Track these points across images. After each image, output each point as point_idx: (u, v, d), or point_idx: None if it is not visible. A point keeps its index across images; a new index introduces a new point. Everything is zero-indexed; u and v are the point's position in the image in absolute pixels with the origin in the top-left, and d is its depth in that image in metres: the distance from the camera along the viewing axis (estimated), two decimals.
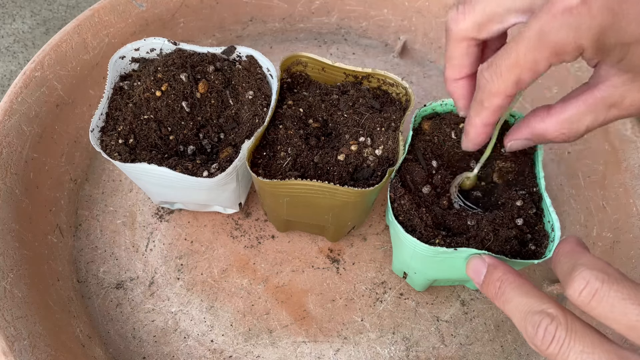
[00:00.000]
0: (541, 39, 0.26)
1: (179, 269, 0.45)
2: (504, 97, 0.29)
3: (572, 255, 0.26)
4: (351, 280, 0.45)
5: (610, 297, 0.22)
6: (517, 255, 0.35)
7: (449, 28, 0.31)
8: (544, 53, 0.26)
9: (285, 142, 0.39)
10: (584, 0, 0.24)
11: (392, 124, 0.40)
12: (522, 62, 0.27)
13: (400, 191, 0.37)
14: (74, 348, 0.40)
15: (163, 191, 0.43)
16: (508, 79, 0.28)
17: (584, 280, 0.23)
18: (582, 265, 0.24)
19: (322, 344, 0.43)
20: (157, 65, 0.42)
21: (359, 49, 0.62)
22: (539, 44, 0.26)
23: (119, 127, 0.40)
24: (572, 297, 0.24)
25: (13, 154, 0.44)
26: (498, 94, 0.29)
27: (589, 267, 0.23)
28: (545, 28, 0.26)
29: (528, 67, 0.27)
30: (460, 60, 0.32)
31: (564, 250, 0.27)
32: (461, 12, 0.30)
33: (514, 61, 0.28)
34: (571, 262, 0.25)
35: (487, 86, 0.29)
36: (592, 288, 0.23)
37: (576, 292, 0.23)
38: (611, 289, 0.22)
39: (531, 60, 0.27)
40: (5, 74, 0.64)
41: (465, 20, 0.30)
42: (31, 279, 0.41)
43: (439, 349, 0.43)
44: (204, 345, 0.42)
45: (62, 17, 0.70)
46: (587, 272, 0.23)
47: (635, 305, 0.22)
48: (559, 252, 0.28)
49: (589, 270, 0.23)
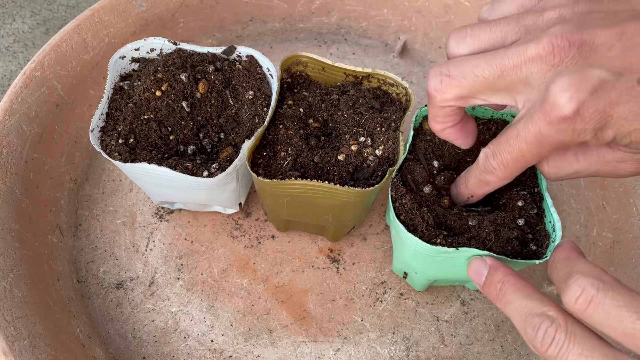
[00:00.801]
0: (541, 140, 0.28)
1: (179, 269, 0.45)
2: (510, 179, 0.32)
3: (567, 261, 0.26)
4: (351, 280, 0.45)
5: (606, 305, 0.22)
6: (518, 256, 0.35)
7: (432, 95, 0.32)
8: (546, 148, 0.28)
9: (285, 142, 0.39)
10: (576, 111, 0.25)
11: (393, 124, 0.40)
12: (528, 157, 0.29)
13: (401, 190, 0.37)
14: (74, 348, 0.40)
15: (163, 191, 0.43)
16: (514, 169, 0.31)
17: (579, 287, 0.23)
18: (578, 273, 0.24)
19: (322, 344, 0.43)
20: (157, 65, 0.42)
21: (359, 49, 0.62)
22: (541, 144, 0.28)
23: (119, 127, 0.40)
24: (568, 305, 0.24)
25: (13, 154, 0.44)
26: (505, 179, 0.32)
27: (584, 274, 0.24)
28: (543, 132, 0.27)
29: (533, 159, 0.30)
30: (444, 118, 0.34)
31: (559, 256, 0.28)
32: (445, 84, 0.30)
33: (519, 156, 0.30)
34: (567, 269, 0.25)
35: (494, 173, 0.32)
36: (587, 295, 0.23)
37: (572, 300, 0.23)
38: (607, 297, 0.23)
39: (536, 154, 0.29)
40: (5, 74, 0.64)
41: (447, 93, 0.31)
42: (31, 279, 0.41)
43: (439, 349, 0.43)
44: (204, 345, 0.42)
45: (62, 17, 0.70)
46: (582, 279, 0.23)
47: (630, 313, 0.22)
48: (555, 258, 0.28)
49: (584, 277, 0.23)
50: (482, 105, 0.41)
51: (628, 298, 0.22)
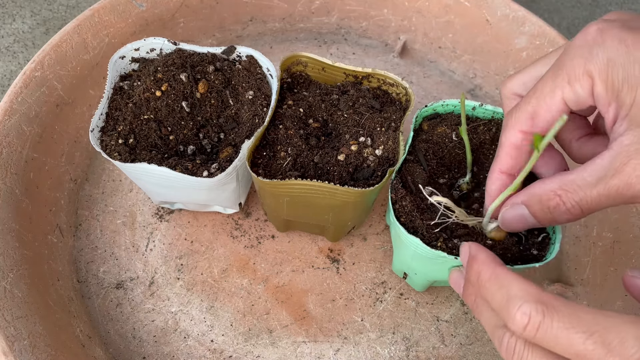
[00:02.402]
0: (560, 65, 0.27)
1: (179, 269, 0.45)
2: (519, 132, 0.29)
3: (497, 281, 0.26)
4: (351, 280, 0.45)
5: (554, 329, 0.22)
6: (519, 259, 0.35)
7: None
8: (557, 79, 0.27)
9: (285, 142, 0.39)
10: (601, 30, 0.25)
11: (392, 124, 0.40)
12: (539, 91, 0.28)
13: (401, 192, 0.37)
14: (74, 348, 0.40)
15: (163, 191, 0.43)
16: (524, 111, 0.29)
17: (525, 315, 0.23)
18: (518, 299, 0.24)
19: (322, 344, 0.43)
20: (157, 65, 0.42)
21: (359, 49, 0.62)
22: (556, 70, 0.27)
23: (119, 127, 0.40)
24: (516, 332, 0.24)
25: (13, 154, 0.44)
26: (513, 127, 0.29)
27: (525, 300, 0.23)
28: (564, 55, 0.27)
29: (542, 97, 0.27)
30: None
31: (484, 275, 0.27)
32: None
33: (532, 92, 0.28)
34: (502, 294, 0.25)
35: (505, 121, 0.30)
36: (534, 322, 0.23)
37: (520, 328, 0.23)
38: (553, 320, 0.22)
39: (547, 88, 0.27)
40: (5, 74, 0.64)
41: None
42: (31, 279, 0.41)
43: (439, 349, 0.43)
44: (204, 345, 0.42)
45: (62, 17, 0.70)
46: (526, 306, 0.23)
47: (579, 334, 0.22)
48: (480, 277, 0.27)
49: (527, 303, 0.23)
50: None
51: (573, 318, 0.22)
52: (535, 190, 0.29)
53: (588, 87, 0.26)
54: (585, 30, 0.26)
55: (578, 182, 0.27)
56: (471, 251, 0.29)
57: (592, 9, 0.80)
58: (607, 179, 0.25)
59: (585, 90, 0.26)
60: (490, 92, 0.59)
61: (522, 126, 0.29)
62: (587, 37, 0.26)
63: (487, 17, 0.57)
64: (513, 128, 0.29)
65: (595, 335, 0.21)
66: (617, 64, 0.24)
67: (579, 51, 0.26)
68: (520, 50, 0.56)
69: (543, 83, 0.28)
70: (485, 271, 0.27)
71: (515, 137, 0.29)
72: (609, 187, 0.25)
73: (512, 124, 0.29)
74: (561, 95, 0.27)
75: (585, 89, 0.26)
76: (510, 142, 0.30)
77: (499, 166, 0.31)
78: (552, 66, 0.28)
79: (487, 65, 0.59)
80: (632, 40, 0.24)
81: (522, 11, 0.55)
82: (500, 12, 0.56)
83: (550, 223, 0.30)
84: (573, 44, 0.27)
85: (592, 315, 0.22)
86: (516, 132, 0.29)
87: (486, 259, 0.27)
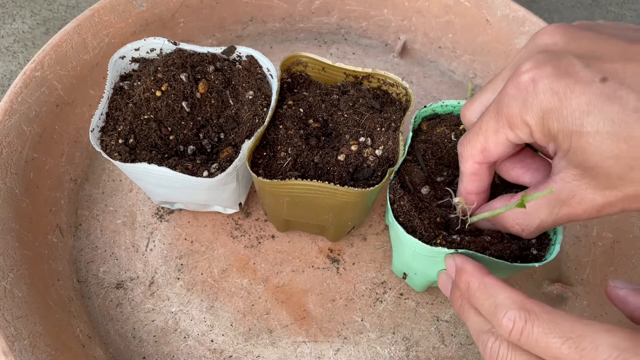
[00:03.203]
0: (498, 108, 0.29)
1: (179, 269, 0.45)
2: (473, 163, 0.32)
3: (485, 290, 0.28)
4: (351, 280, 0.45)
5: (534, 333, 0.24)
6: (518, 258, 0.35)
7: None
8: (499, 123, 0.29)
9: (285, 142, 0.39)
10: (532, 78, 0.26)
11: (392, 124, 0.40)
12: (484, 129, 0.30)
13: (399, 192, 0.37)
14: (74, 348, 0.40)
15: (163, 191, 0.43)
16: (474, 146, 0.31)
17: (510, 321, 0.25)
18: (504, 306, 0.26)
19: (322, 344, 0.43)
20: (157, 65, 0.42)
21: (359, 49, 0.62)
22: (497, 114, 0.29)
23: (119, 127, 0.40)
24: (504, 336, 0.26)
25: (13, 154, 0.44)
26: (467, 159, 0.32)
27: (511, 307, 0.25)
28: (502, 99, 0.28)
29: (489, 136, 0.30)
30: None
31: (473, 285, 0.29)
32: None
33: (478, 128, 0.31)
34: (490, 301, 0.27)
35: (459, 151, 0.33)
36: (518, 328, 0.25)
37: (506, 332, 0.25)
38: (534, 326, 0.24)
39: (492, 128, 0.29)
40: (5, 74, 0.64)
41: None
42: (31, 279, 0.41)
43: (439, 349, 0.43)
44: (204, 345, 0.42)
45: (62, 17, 0.70)
46: (511, 312, 0.25)
47: (556, 339, 0.23)
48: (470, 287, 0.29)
49: (512, 310, 0.25)
50: None
51: (552, 324, 0.24)
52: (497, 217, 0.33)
53: (527, 132, 0.28)
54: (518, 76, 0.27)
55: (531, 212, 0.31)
56: (457, 264, 0.31)
57: (592, 9, 0.80)
58: (557, 209, 0.29)
59: (525, 134, 0.28)
60: None
61: (475, 158, 0.32)
62: (519, 86, 0.27)
63: (487, 17, 0.57)
64: (468, 160, 0.32)
65: (570, 341, 0.23)
66: (552, 116, 0.26)
67: (514, 101, 0.27)
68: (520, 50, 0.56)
69: (487, 122, 0.30)
70: (474, 282, 0.29)
71: (472, 168, 0.32)
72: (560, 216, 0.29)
73: (466, 157, 0.32)
74: (505, 137, 0.29)
75: (525, 134, 0.28)
76: (470, 172, 0.33)
77: (465, 189, 0.34)
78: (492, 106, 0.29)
79: (487, 65, 0.59)
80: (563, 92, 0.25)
81: (522, 11, 0.55)
82: (500, 12, 0.56)
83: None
84: (507, 90, 0.28)
85: (570, 322, 0.24)
86: (472, 163, 0.32)
87: (473, 270, 0.30)
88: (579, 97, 0.25)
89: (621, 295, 0.29)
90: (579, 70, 0.25)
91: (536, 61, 0.27)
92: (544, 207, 0.30)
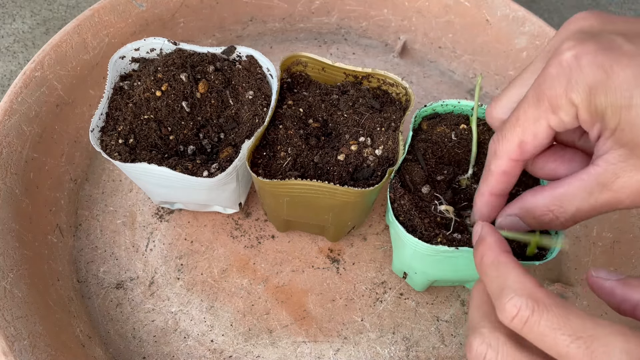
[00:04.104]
0: (539, 93, 0.27)
1: (179, 269, 0.45)
2: (508, 160, 0.30)
3: (497, 268, 0.26)
4: (351, 280, 0.45)
5: (541, 327, 0.23)
6: (519, 257, 0.35)
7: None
8: (541, 108, 0.27)
9: (285, 142, 0.39)
10: (575, 55, 0.25)
11: (392, 124, 0.40)
12: (522, 120, 0.28)
13: (400, 191, 0.37)
14: (74, 348, 0.40)
15: (163, 191, 0.43)
16: (511, 140, 0.29)
17: (514, 307, 0.23)
18: (512, 290, 0.24)
19: (322, 344, 0.43)
20: (157, 65, 0.42)
21: (359, 49, 0.62)
22: (537, 100, 0.27)
23: (119, 127, 0.40)
24: (504, 322, 0.24)
25: (13, 154, 0.44)
26: (502, 155, 0.30)
27: (518, 293, 0.24)
28: (541, 82, 0.27)
29: (528, 126, 0.28)
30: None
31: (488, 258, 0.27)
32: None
33: (515, 120, 0.28)
34: (499, 282, 0.25)
35: (492, 147, 0.30)
36: (522, 316, 0.23)
37: (508, 319, 0.24)
38: (542, 318, 0.23)
39: (531, 117, 0.28)
40: (5, 74, 0.64)
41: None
42: (31, 279, 0.41)
43: (439, 349, 0.43)
44: (204, 345, 0.42)
45: (62, 17, 0.70)
46: (517, 299, 0.23)
47: (565, 336, 0.22)
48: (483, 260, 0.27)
49: (518, 297, 0.23)
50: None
51: (562, 319, 0.22)
52: (527, 204, 0.30)
53: (573, 114, 0.26)
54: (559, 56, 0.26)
55: (568, 197, 0.28)
56: (482, 232, 0.29)
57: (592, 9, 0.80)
58: (597, 194, 0.27)
59: (571, 116, 0.26)
60: (490, 92, 0.59)
61: (511, 155, 0.29)
62: (562, 63, 0.26)
63: (487, 17, 0.57)
64: (502, 158, 0.30)
65: (580, 341, 0.22)
66: (599, 91, 0.25)
67: (557, 80, 0.26)
68: (520, 50, 0.56)
69: (525, 111, 0.28)
70: (489, 256, 0.27)
71: (505, 166, 0.30)
72: (600, 202, 0.27)
73: (501, 154, 0.30)
74: (546, 124, 0.27)
75: (570, 116, 0.26)
76: (500, 171, 0.31)
77: (490, 190, 0.32)
78: (530, 93, 0.28)
79: (487, 65, 0.59)
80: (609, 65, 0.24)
81: (522, 11, 0.55)
82: (500, 12, 0.56)
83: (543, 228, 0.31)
84: (549, 71, 0.27)
85: (582, 320, 0.22)
86: (507, 161, 0.30)
87: (493, 244, 0.28)
88: (625, 70, 0.24)
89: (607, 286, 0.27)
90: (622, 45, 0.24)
91: (577, 39, 0.26)
92: (581, 193, 0.27)
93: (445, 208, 0.36)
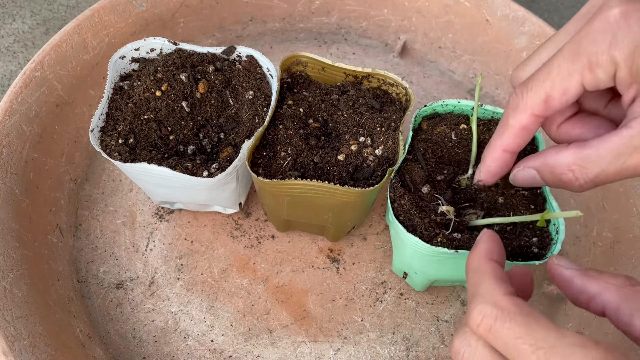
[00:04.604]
0: (578, 48, 0.26)
1: (179, 269, 0.45)
2: (530, 115, 0.28)
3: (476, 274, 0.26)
4: (351, 280, 0.45)
5: (504, 335, 0.23)
6: (519, 256, 0.35)
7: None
8: (577, 64, 0.26)
9: (285, 142, 0.39)
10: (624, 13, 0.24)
11: (392, 124, 0.40)
12: (554, 74, 0.27)
13: (400, 191, 0.37)
14: (74, 348, 0.40)
15: (163, 191, 0.43)
16: (537, 93, 0.27)
17: (480, 314, 0.24)
18: (479, 297, 0.24)
19: (322, 344, 0.43)
20: (157, 65, 0.42)
21: (359, 49, 0.62)
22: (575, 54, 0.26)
23: (119, 127, 0.40)
24: (472, 328, 0.24)
25: (13, 154, 0.44)
26: (525, 109, 0.28)
27: (484, 301, 0.24)
28: (583, 38, 0.26)
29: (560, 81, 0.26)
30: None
31: (472, 264, 0.27)
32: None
33: (545, 74, 0.27)
34: (474, 288, 0.25)
35: (514, 101, 0.29)
36: (487, 324, 0.23)
37: (474, 324, 0.24)
38: (504, 327, 0.23)
39: (565, 71, 0.26)
40: (5, 74, 0.64)
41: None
42: (31, 279, 0.41)
43: (439, 349, 0.43)
44: (204, 345, 0.42)
45: (62, 17, 0.70)
46: (482, 306, 0.24)
47: (526, 345, 0.22)
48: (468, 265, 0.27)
49: (484, 304, 0.24)
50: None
51: (525, 329, 0.22)
52: (549, 160, 0.29)
53: (611, 73, 0.25)
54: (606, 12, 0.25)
55: (593, 158, 0.27)
56: (479, 238, 0.29)
57: None
58: (625, 157, 0.26)
59: (608, 75, 0.25)
60: (490, 92, 0.59)
61: (535, 110, 0.28)
62: (609, 19, 0.25)
63: (487, 17, 0.57)
64: (525, 111, 0.28)
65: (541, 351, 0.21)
66: None
67: (602, 36, 0.25)
68: (520, 50, 0.56)
69: (559, 65, 0.27)
70: (474, 261, 0.27)
71: (527, 120, 0.28)
72: (627, 165, 0.26)
73: (524, 107, 0.28)
74: (580, 80, 0.26)
75: (607, 74, 0.25)
76: (521, 125, 0.29)
77: (504, 146, 0.30)
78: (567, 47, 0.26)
79: (487, 65, 0.59)
80: None
81: (522, 11, 0.55)
82: (500, 12, 0.56)
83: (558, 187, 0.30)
84: (593, 26, 0.25)
85: (545, 330, 0.22)
86: (528, 115, 0.28)
87: (482, 250, 0.28)
88: None
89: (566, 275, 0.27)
90: None
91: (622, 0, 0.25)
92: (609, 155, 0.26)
93: (446, 209, 0.36)
